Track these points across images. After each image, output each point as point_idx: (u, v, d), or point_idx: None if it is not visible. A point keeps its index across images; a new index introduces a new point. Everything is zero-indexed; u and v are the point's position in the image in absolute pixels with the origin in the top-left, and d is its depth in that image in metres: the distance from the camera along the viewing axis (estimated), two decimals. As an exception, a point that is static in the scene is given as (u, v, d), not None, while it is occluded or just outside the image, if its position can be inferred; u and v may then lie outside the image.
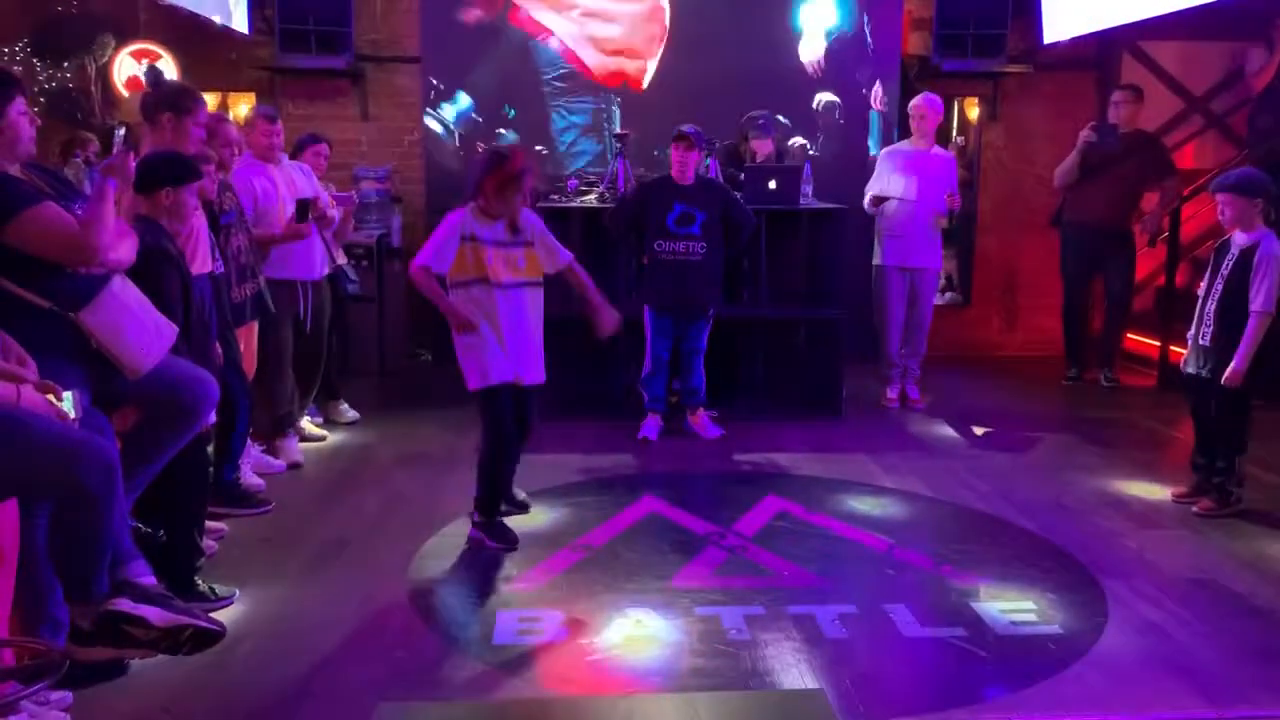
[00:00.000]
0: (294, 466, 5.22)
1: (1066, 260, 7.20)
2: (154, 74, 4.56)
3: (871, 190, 6.45)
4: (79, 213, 3.00)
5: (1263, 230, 4.50)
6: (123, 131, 3.29)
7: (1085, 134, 6.81)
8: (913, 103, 6.48)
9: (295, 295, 5.25)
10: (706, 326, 5.77)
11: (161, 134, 4.08)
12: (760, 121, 6.69)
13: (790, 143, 7.48)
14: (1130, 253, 7.09)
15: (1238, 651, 3.41)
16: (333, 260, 5.74)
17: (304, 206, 5.08)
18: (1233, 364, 4.44)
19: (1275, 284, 4.42)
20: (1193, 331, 4.70)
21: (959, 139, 8.18)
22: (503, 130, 7.63)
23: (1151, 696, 3.12)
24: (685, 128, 5.67)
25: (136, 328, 3.10)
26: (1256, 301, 4.42)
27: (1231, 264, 4.53)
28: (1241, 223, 4.51)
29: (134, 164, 3.32)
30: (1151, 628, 3.58)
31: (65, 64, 7.05)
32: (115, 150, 3.20)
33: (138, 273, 3.26)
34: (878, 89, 7.69)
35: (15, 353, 2.78)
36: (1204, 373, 4.59)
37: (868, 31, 7.67)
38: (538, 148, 7.51)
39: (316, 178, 5.75)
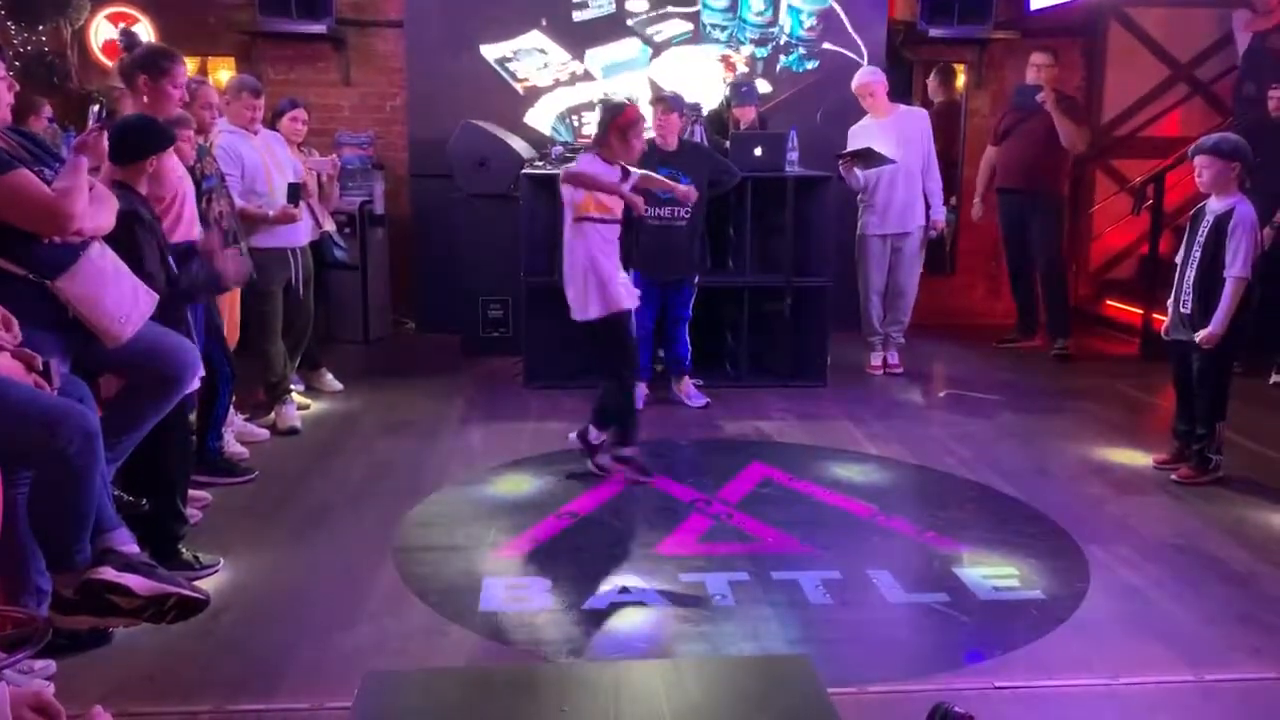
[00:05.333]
0: (292, 432, 5.22)
1: (1000, 226, 7.21)
2: (128, 37, 4.50)
3: (850, 148, 6.30)
4: (54, 180, 2.96)
5: (1237, 196, 4.51)
6: (97, 108, 3.24)
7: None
8: (857, 85, 6.38)
9: (286, 262, 5.24)
10: (691, 294, 5.76)
11: (139, 98, 4.02)
12: (743, 89, 6.64)
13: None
14: (1053, 215, 6.96)
15: (1217, 616, 3.45)
16: (318, 225, 5.72)
17: (294, 190, 5.19)
18: (1210, 327, 4.47)
19: (1251, 249, 4.45)
20: (1172, 300, 4.73)
21: (935, 99, 8.13)
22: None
23: (1132, 660, 3.15)
24: (664, 91, 5.61)
25: (115, 295, 3.07)
26: (1234, 267, 4.44)
27: (1207, 231, 4.55)
28: (1217, 186, 4.51)
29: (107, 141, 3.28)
30: (1133, 593, 3.61)
31: (41, 28, 6.92)
32: (89, 126, 3.15)
33: (112, 238, 3.22)
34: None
35: (0, 315, 2.76)
36: (1185, 338, 4.61)
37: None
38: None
39: (297, 144, 5.74)
